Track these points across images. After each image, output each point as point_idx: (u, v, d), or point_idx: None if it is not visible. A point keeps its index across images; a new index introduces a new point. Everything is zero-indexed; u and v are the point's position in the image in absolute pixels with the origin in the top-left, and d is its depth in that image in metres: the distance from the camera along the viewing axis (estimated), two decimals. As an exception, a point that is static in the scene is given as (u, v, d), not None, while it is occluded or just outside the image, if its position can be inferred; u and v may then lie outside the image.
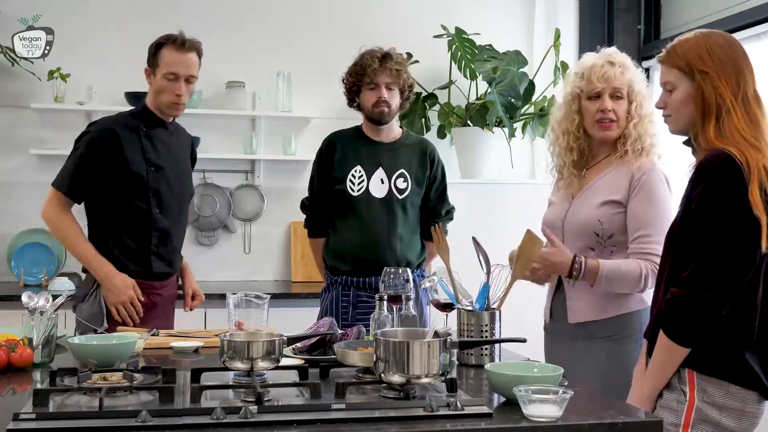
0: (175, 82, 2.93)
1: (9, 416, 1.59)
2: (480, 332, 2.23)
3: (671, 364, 1.95)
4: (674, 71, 2.00)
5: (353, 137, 3.22)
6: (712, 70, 1.93)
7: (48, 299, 2.24)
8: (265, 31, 4.62)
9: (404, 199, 3.14)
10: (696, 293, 1.88)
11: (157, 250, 2.97)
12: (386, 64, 3.08)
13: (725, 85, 1.92)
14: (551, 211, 2.64)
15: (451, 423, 1.62)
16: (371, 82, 3.09)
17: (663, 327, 1.94)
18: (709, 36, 1.98)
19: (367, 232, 3.10)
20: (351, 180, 3.14)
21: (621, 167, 2.48)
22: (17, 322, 2.25)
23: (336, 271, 3.18)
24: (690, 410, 1.92)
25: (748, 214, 1.83)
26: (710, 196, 1.88)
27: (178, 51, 2.92)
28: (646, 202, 2.41)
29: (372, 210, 3.11)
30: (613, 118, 2.48)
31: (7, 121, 4.36)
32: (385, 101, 3.09)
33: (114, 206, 2.92)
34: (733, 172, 1.85)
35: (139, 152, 2.92)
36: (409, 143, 3.23)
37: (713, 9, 4.09)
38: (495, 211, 4.52)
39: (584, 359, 2.46)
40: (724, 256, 1.86)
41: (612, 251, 2.45)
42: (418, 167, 3.19)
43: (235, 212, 4.62)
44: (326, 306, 3.18)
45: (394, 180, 3.14)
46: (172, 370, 1.93)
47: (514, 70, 4.45)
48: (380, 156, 3.16)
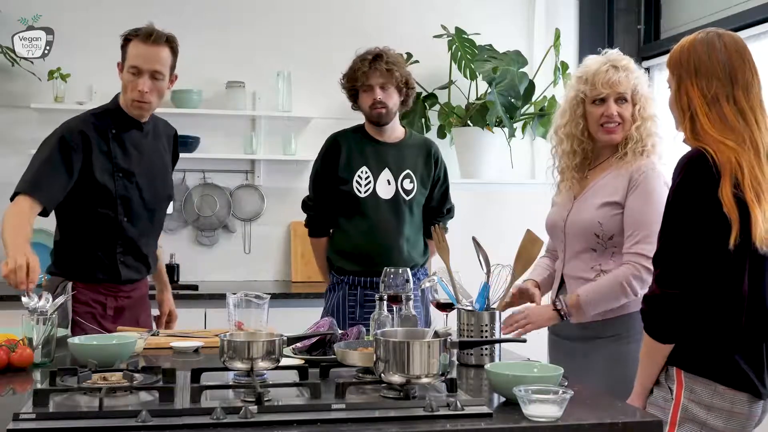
0: (138, 77, 2.71)
1: (9, 416, 1.59)
2: (480, 332, 2.23)
3: (654, 361, 1.97)
4: (668, 73, 2.06)
5: (358, 137, 3.21)
6: (685, 73, 1.98)
7: (48, 299, 2.24)
8: (265, 31, 4.62)
9: (411, 200, 3.14)
10: (665, 289, 1.91)
11: (123, 259, 2.82)
12: (376, 64, 3.06)
13: (694, 87, 1.96)
14: (553, 212, 2.65)
15: (451, 423, 1.62)
16: (364, 84, 3.08)
17: (644, 324, 1.98)
18: (697, 39, 2.01)
19: (375, 234, 3.10)
20: (357, 181, 3.13)
21: (621, 168, 2.48)
22: (17, 322, 2.25)
23: (342, 271, 3.18)
24: (676, 408, 1.93)
25: (717, 209, 1.85)
26: (679, 193, 1.91)
27: (144, 43, 2.71)
28: (642, 202, 2.41)
29: (379, 211, 3.11)
30: (618, 122, 2.49)
31: (7, 121, 4.36)
32: (380, 102, 3.08)
33: (80, 213, 2.77)
34: (702, 169, 1.88)
35: (107, 158, 2.76)
36: (414, 143, 3.23)
37: (713, 9, 4.09)
38: (495, 211, 4.52)
39: (587, 360, 2.46)
40: (689, 252, 1.88)
41: (613, 252, 2.46)
42: (424, 168, 3.19)
43: (235, 212, 4.62)
44: (332, 305, 3.18)
45: (401, 181, 3.14)
46: (172, 370, 1.92)
47: (514, 70, 4.45)
48: (386, 157, 3.16)
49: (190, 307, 3.90)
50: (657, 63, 4.48)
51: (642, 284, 2.37)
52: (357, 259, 3.13)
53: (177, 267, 4.40)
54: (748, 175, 1.86)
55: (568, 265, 2.55)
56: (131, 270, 2.86)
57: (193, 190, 4.55)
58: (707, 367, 1.91)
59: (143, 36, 2.74)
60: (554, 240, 2.63)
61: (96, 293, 2.80)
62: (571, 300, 2.44)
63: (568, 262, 2.55)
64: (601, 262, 2.47)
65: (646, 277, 2.36)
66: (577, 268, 2.51)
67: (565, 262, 2.56)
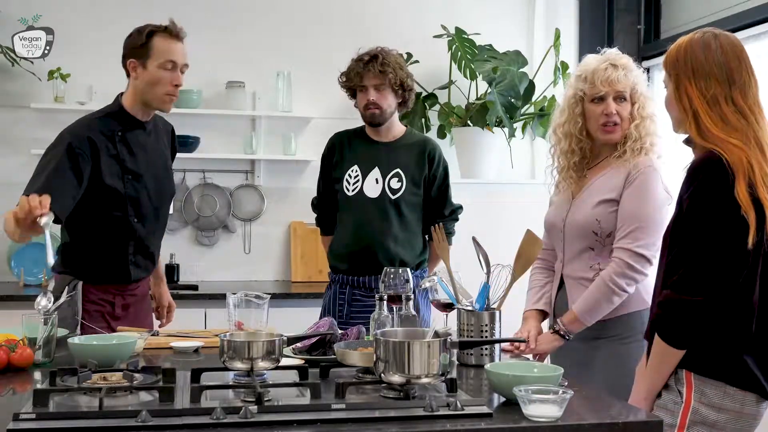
0: (174, 72, 2.76)
1: (9, 416, 1.59)
2: (480, 332, 2.23)
3: (666, 365, 1.95)
4: (664, 72, 2.05)
5: (354, 137, 3.23)
6: (683, 73, 1.98)
7: (50, 299, 2.24)
8: (265, 31, 4.62)
9: (398, 199, 3.12)
10: (687, 296, 1.88)
11: (134, 259, 2.84)
12: (371, 66, 3.07)
13: (693, 88, 1.96)
14: (552, 211, 2.64)
15: (451, 423, 1.62)
16: (358, 85, 3.11)
17: (657, 330, 1.95)
18: (694, 39, 2.01)
19: (361, 232, 3.12)
20: (347, 180, 3.16)
21: (619, 167, 2.48)
22: (17, 322, 2.25)
23: (335, 269, 3.21)
24: (686, 411, 1.92)
25: (737, 213, 1.84)
26: (699, 198, 1.89)
27: (174, 39, 2.77)
28: (636, 198, 2.42)
29: (365, 210, 3.12)
30: (617, 121, 2.49)
31: (7, 121, 4.36)
32: (374, 103, 3.08)
33: (90, 216, 2.74)
34: (718, 172, 1.87)
35: (115, 161, 2.75)
36: (410, 142, 3.21)
37: (713, 9, 4.09)
38: (495, 211, 4.52)
39: (587, 360, 2.46)
40: (713, 259, 1.86)
41: (611, 251, 2.46)
42: (415, 167, 3.16)
43: (235, 212, 4.62)
44: (326, 303, 3.22)
45: (389, 180, 3.14)
46: (172, 370, 1.92)
47: (514, 70, 4.45)
48: (377, 156, 3.16)
49: (190, 307, 3.90)
50: (657, 63, 4.48)
51: (626, 279, 2.38)
52: (345, 257, 3.16)
53: (177, 267, 4.40)
54: (758, 173, 1.86)
55: (567, 266, 2.55)
56: (140, 269, 2.89)
57: (193, 190, 4.55)
58: (718, 369, 1.91)
59: (172, 31, 2.77)
60: (553, 240, 2.63)
61: (105, 293, 2.82)
62: (568, 318, 2.45)
63: (568, 262, 2.55)
64: (600, 260, 2.47)
65: (628, 272, 2.37)
66: (576, 269, 2.52)
67: (564, 262, 2.56)
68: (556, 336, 2.45)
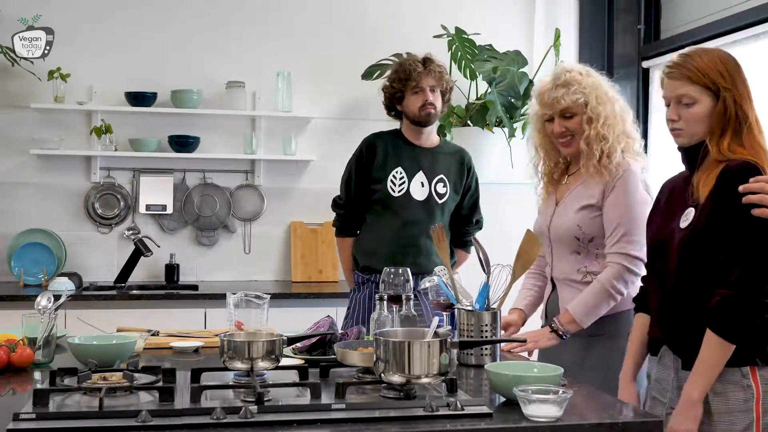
0: None
1: (9, 416, 1.59)
2: (480, 332, 2.24)
3: (721, 364, 1.97)
4: (695, 86, 2.04)
5: (394, 139, 3.27)
6: (733, 87, 2.02)
7: (50, 299, 2.24)
8: (265, 31, 4.62)
9: (443, 204, 3.21)
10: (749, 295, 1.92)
11: None
12: (430, 67, 3.18)
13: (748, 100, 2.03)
14: (539, 219, 2.71)
15: (451, 423, 1.62)
16: (416, 86, 3.16)
17: (714, 326, 1.95)
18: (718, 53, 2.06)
19: (406, 232, 3.16)
20: (392, 180, 3.18)
21: (593, 174, 2.52)
22: (17, 322, 2.25)
23: (369, 269, 3.21)
24: (758, 403, 1.96)
25: None
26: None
27: None
28: (619, 202, 2.46)
29: (411, 211, 3.17)
30: (567, 137, 2.54)
31: (7, 121, 4.35)
32: (431, 103, 3.17)
33: None
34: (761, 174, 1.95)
35: None
36: (449, 151, 3.31)
37: (713, 9, 4.09)
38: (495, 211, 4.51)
39: (580, 358, 2.49)
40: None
41: (597, 254, 2.51)
42: (457, 175, 3.26)
43: (235, 212, 4.62)
44: (357, 304, 3.22)
45: (434, 184, 3.20)
46: (172, 370, 1.93)
47: (514, 70, 4.45)
48: (420, 160, 3.23)
49: (190, 307, 3.91)
50: (657, 63, 4.48)
51: (625, 284, 2.43)
52: (384, 257, 3.12)
53: (177, 267, 4.40)
54: None
55: (555, 268, 2.60)
56: None
57: (193, 190, 4.55)
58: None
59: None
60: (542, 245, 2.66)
61: None
62: (564, 318, 2.47)
63: (556, 265, 2.60)
64: (587, 264, 2.52)
65: (627, 277, 2.42)
66: (564, 271, 2.57)
67: (552, 266, 2.61)
68: (554, 335, 2.48)
